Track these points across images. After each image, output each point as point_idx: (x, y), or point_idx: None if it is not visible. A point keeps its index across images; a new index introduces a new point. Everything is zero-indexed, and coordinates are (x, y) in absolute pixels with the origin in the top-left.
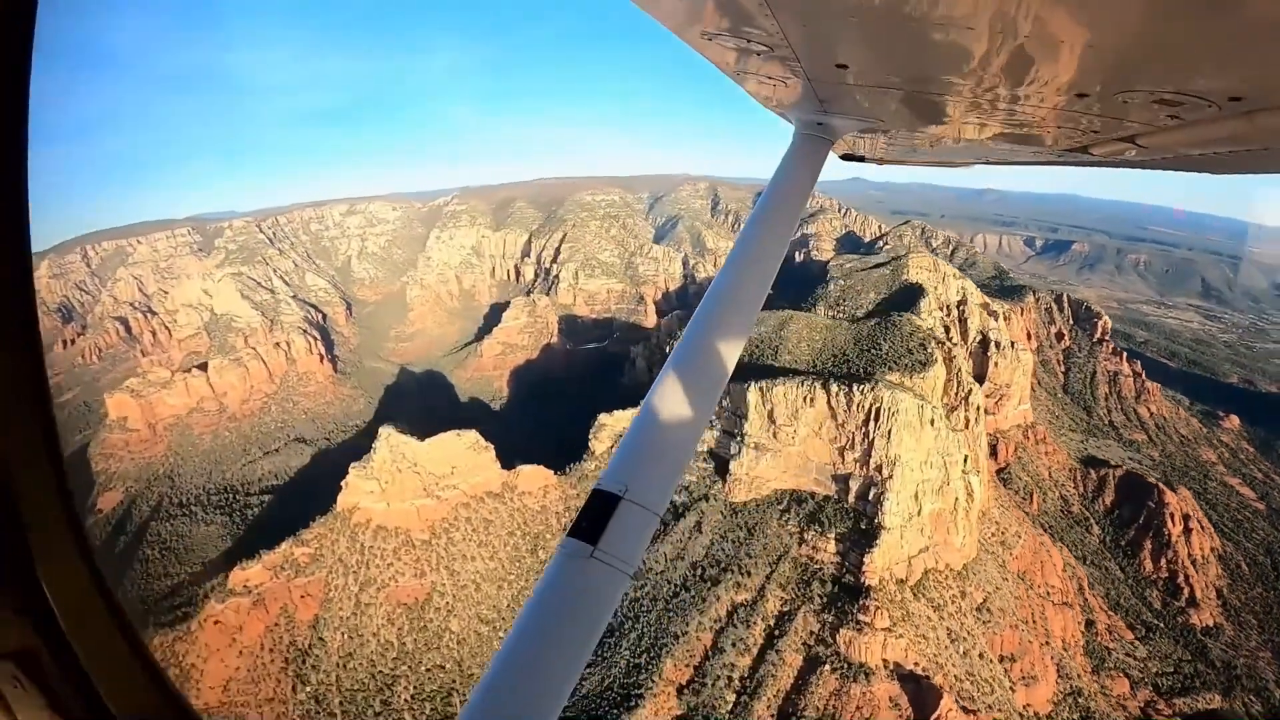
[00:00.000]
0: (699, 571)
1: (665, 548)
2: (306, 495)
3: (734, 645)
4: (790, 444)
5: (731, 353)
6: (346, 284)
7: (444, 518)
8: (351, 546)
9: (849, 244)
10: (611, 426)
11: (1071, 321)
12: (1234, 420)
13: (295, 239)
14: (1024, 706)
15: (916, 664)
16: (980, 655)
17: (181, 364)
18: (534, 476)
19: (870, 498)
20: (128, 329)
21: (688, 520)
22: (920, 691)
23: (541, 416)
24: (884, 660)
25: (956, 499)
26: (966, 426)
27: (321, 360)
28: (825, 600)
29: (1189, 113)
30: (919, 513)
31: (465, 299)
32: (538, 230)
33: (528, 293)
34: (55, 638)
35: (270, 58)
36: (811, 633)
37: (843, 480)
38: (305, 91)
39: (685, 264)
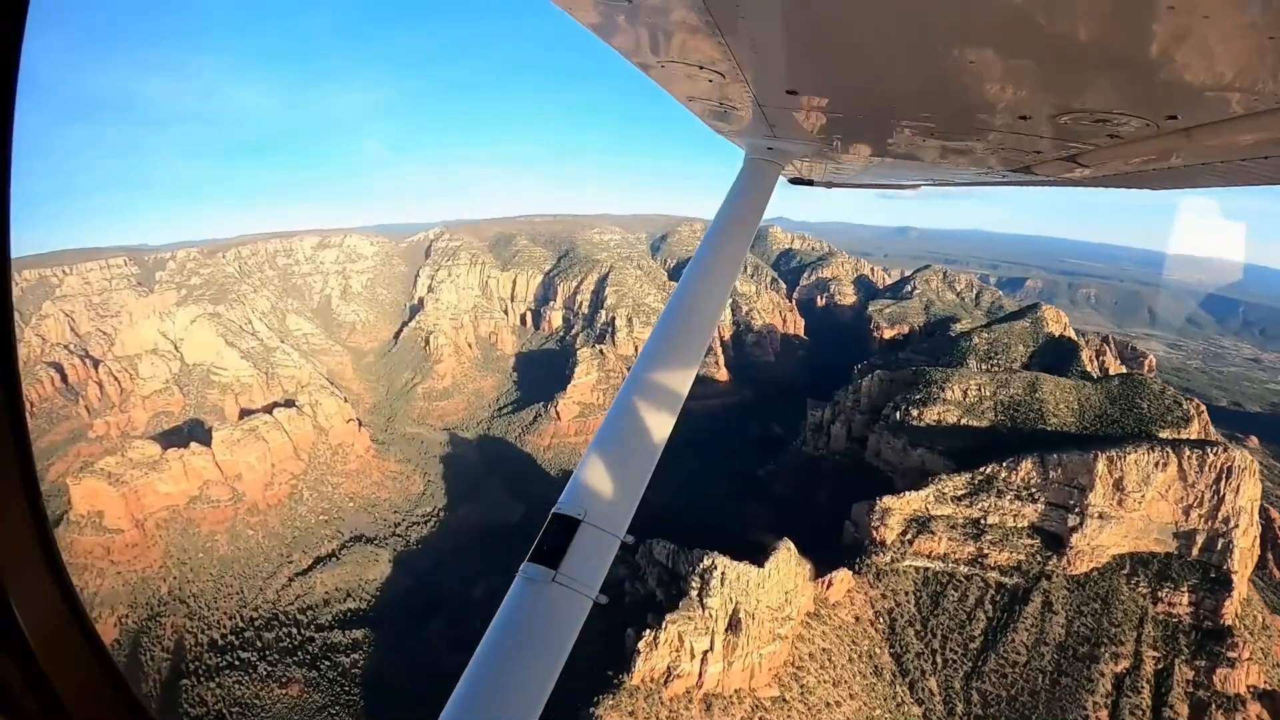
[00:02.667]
0: (1069, 651)
1: (1020, 635)
2: (439, 632)
3: (1131, 714)
4: (1135, 509)
5: (686, 376)
6: (332, 328)
7: (787, 661)
8: None
9: (865, 288)
10: (899, 511)
11: (1119, 361)
12: (1253, 440)
13: (262, 274)
14: None
15: (1265, 683)
16: None
17: (148, 427)
18: (842, 581)
19: (1218, 548)
20: (63, 377)
21: (1034, 602)
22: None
23: (699, 491)
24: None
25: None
26: None
27: (359, 428)
28: (1193, 649)
29: (1128, 131)
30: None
31: (484, 347)
32: (558, 271)
33: (562, 340)
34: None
35: (188, 88)
36: (1188, 680)
37: (1185, 536)
38: (242, 122)
39: (734, 310)
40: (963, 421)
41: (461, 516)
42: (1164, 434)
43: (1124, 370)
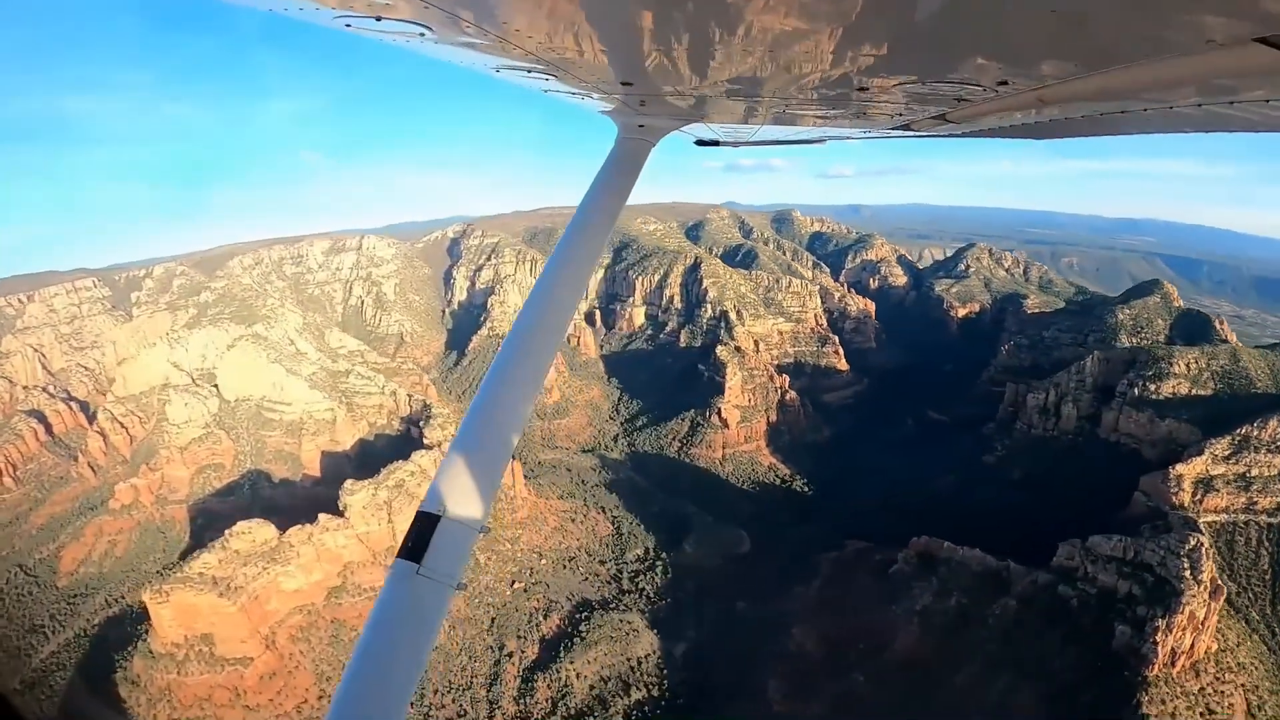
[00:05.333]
0: None
1: None
2: None
3: None
4: None
5: (544, 363)
6: (374, 342)
7: None
8: None
9: (907, 268)
10: (1188, 475)
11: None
12: None
13: (270, 284)
14: None
15: None
16: None
17: (193, 488)
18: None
19: None
20: (47, 429)
21: None
22: None
23: (936, 488)
24: None
25: None
26: None
27: (515, 476)
28: None
29: (974, 95)
30: None
31: (566, 353)
32: (629, 265)
33: (654, 339)
34: None
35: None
36: None
37: None
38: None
39: (825, 297)
40: (1193, 392)
41: (688, 555)
42: None
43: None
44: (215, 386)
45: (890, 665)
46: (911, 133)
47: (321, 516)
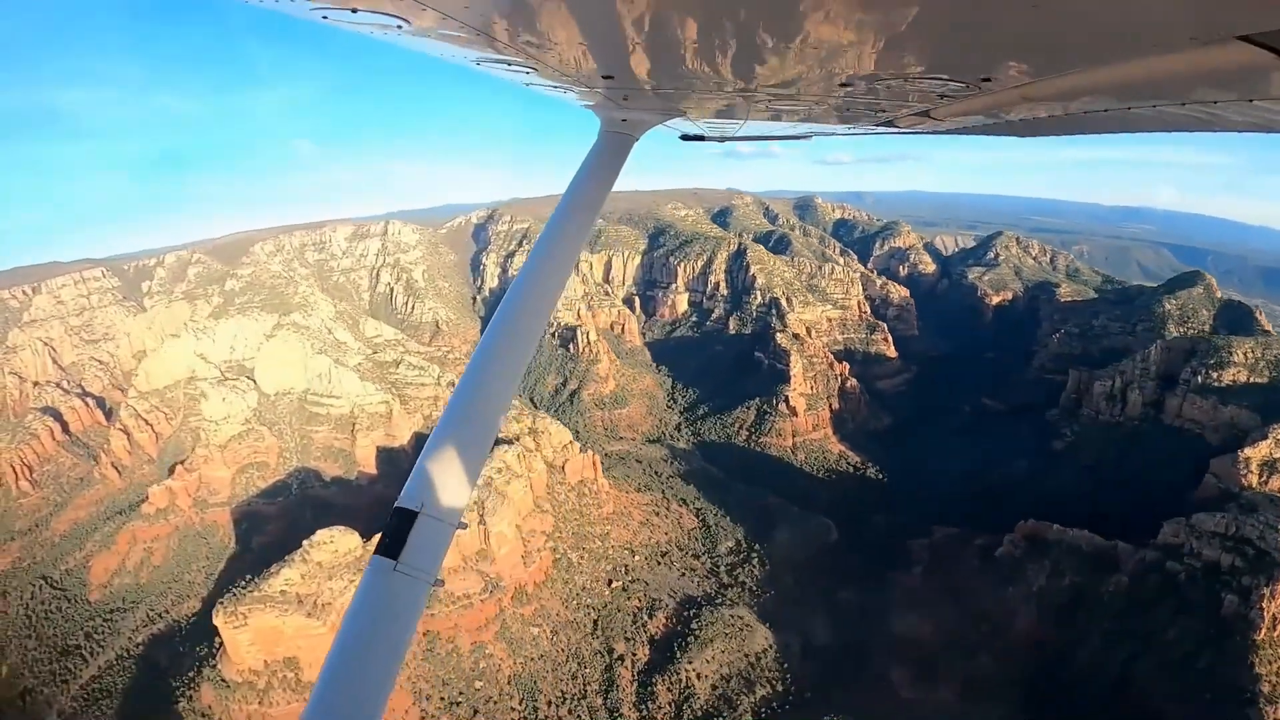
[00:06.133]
0: None
1: None
2: None
3: None
4: None
5: (523, 358)
6: (409, 330)
7: None
8: None
9: (936, 256)
10: (1255, 458)
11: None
12: None
13: (294, 271)
14: None
15: None
16: None
17: (236, 489)
18: None
19: None
20: (64, 427)
21: None
22: None
23: (1016, 474)
24: None
25: None
26: None
27: (591, 456)
28: None
29: (956, 92)
30: None
31: (610, 340)
32: (668, 251)
33: (700, 326)
34: None
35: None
36: None
37: None
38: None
39: (866, 284)
40: (1250, 379)
41: (779, 545)
42: None
43: None
44: (251, 379)
45: (1013, 645)
46: (894, 130)
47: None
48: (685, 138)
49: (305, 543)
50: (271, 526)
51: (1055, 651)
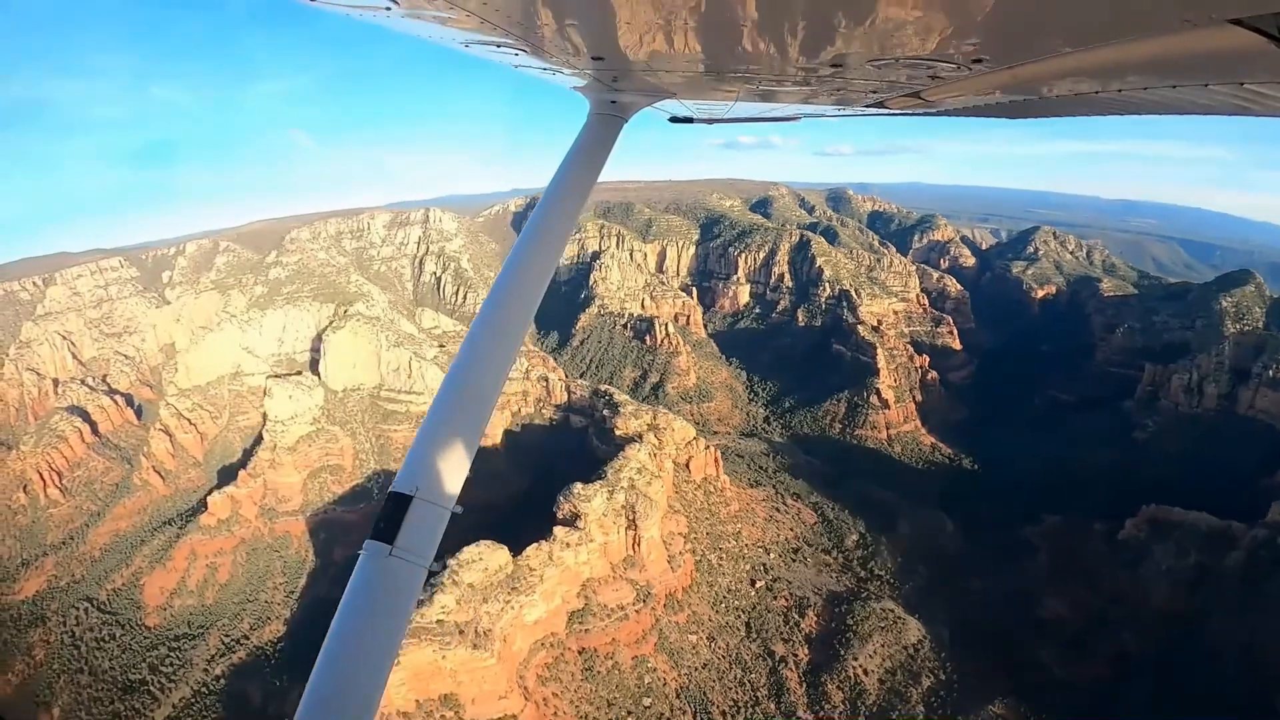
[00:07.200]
0: None
1: None
2: None
3: None
4: None
5: (514, 342)
6: (464, 321)
7: None
8: None
9: (974, 250)
10: None
11: None
12: None
13: (333, 260)
14: None
15: None
16: None
17: (307, 496)
18: None
19: None
20: (93, 428)
21: None
22: None
23: (1100, 462)
24: None
25: None
26: None
27: (713, 451)
28: None
29: (947, 73)
30: None
31: (680, 332)
32: (728, 242)
33: (764, 319)
34: None
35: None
36: None
37: None
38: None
39: (923, 277)
40: None
41: (901, 537)
42: None
43: None
44: (313, 373)
45: (1151, 621)
46: (886, 111)
47: (557, 530)
48: (674, 120)
49: (451, 562)
50: (356, 537)
51: (1189, 626)
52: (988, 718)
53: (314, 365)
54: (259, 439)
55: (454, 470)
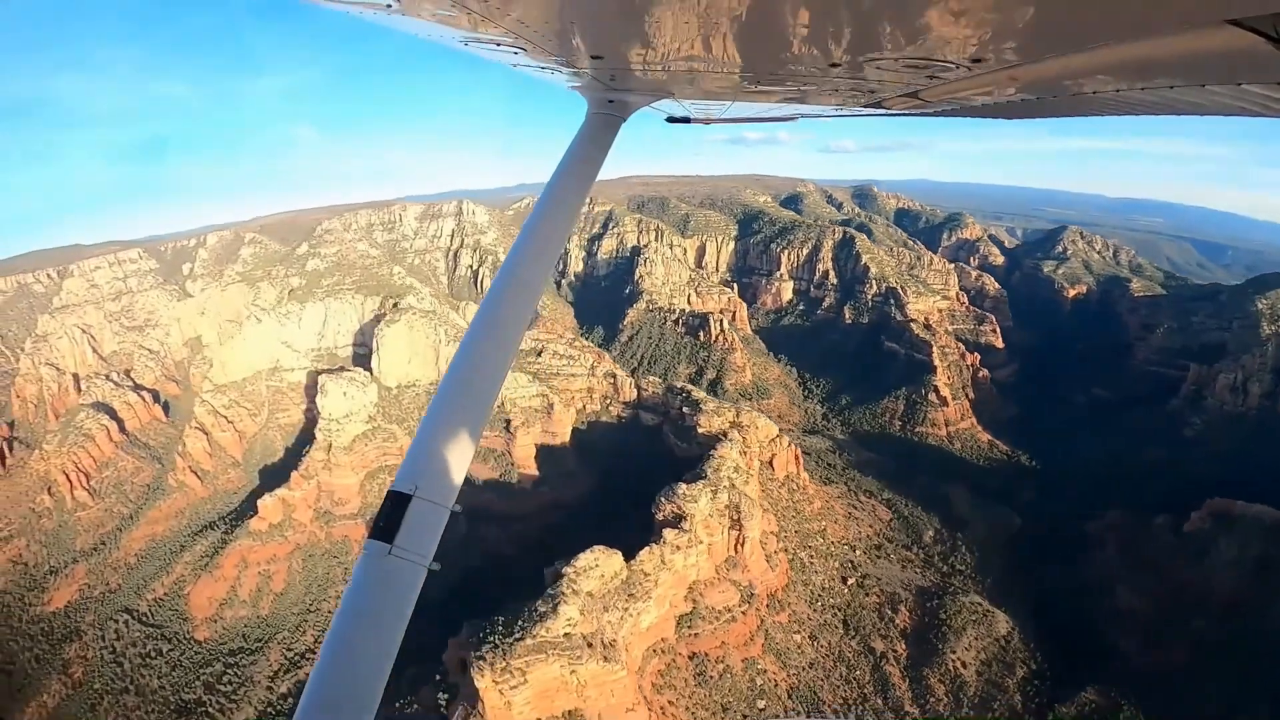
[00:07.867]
0: None
1: None
2: None
3: None
4: None
5: (513, 340)
6: None
7: None
8: None
9: (1002, 248)
10: None
11: None
12: None
13: (368, 251)
14: None
15: None
16: None
17: (366, 500)
18: None
19: None
20: (120, 426)
21: None
22: None
23: (1160, 458)
24: None
25: None
26: None
27: (799, 464)
28: None
29: (947, 73)
30: None
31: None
32: (770, 238)
33: (808, 316)
34: None
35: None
36: None
37: None
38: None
39: (962, 275)
40: None
41: (976, 532)
42: None
43: None
44: (365, 369)
45: (1220, 609)
46: (883, 111)
47: (667, 533)
48: (671, 120)
49: (568, 571)
50: None
51: (1255, 610)
52: (1082, 704)
53: (356, 360)
54: (302, 437)
55: (453, 469)
